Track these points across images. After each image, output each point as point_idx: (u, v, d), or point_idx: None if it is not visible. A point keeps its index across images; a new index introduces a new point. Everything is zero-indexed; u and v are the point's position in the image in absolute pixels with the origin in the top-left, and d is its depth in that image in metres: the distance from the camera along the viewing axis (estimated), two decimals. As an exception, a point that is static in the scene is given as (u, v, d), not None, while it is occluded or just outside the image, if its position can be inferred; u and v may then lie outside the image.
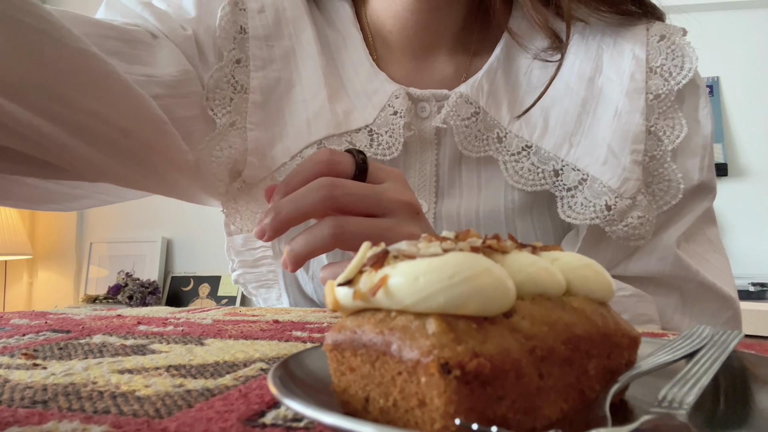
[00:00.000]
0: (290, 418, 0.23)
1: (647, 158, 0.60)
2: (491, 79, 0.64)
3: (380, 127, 0.62)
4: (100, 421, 0.23)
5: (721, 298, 0.61)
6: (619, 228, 0.57)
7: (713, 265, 0.62)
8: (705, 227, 0.64)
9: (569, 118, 0.61)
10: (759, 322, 1.85)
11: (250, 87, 0.63)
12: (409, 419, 0.21)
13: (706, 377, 0.24)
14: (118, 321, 0.50)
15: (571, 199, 0.59)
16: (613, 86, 0.61)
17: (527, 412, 0.21)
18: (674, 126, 0.60)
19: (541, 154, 0.60)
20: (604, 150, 0.58)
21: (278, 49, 0.65)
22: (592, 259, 0.27)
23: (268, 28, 0.65)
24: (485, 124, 0.62)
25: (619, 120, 0.59)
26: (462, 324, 0.20)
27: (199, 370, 0.31)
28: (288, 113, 0.63)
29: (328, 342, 0.23)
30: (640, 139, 0.59)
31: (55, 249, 3.23)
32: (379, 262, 0.22)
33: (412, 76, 0.67)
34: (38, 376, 0.30)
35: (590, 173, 0.58)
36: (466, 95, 0.62)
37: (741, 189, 2.54)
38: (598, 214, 0.57)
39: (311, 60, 0.64)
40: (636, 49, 0.62)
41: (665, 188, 0.60)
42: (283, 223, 0.44)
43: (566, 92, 0.62)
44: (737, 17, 2.60)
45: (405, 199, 0.47)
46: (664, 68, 0.61)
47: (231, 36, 0.63)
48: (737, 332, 0.30)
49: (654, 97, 0.60)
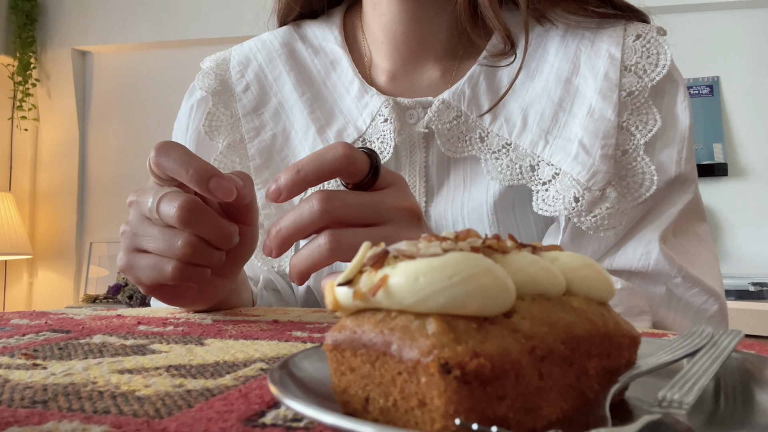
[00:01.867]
0: (290, 418, 0.23)
1: (619, 152, 0.62)
2: (473, 84, 0.67)
3: (372, 135, 0.67)
4: (100, 421, 0.23)
5: (707, 292, 0.62)
6: (588, 219, 0.60)
7: (700, 261, 0.64)
8: (694, 223, 0.66)
9: (546, 116, 0.64)
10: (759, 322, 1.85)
11: (249, 156, 0.70)
12: (409, 419, 0.21)
13: (706, 377, 0.24)
14: (118, 321, 0.50)
15: (545, 193, 0.62)
16: (588, 85, 0.64)
17: (527, 412, 0.21)
18: (647, 121, 0.63)
19: (519, 151, 0.63)
20: (576, 145, 0.62)
21: (267, 112, 0.73)
22: (591, 260, 0.27)
23: (255, 100, 0.73)
24: (467, 126, 0.66)
25: (591, 117, 0.62)
26: (462, 324, 0.20)
27: (199, 370, 0.31)
28: (292, 158, 0.70)
29: (328, 342, 0.23)
30: (611, 134, 0.62)
31: (55, 249, 3.23)
32: (379, 262, 0.22)
33: (401, 84, 0.72)
34: (38, 376, 0.30)
35: (562, 168, 0.61)
36: (448, 101, 0.66)
37: (741, 189, 2.54)
38: (567, 206, 0.60)
39: (296, 106, 0.72)
40: (612, 49, 0.65)
41: (639, 181, 0.62)
42: (285, 241, 0.46)
43: (544, 92, 0.65)
44: (737, 17, 2.60)
45: (405, 205, 0.48)
46: (638, 66, 0.65)
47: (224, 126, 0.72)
48: (737, 332, 0.30)
49: (627, 94, 0.64)
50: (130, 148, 3.17)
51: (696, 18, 2.60)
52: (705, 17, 2.61)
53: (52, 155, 3.28)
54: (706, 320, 0.63)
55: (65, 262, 3.21)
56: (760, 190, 2.52)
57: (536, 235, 0.65)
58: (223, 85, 0.75)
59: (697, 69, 2.59)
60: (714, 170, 2.53)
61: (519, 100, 0.65)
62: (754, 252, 2.48)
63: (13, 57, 3.21)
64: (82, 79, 3.31)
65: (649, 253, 0.61)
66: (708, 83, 2.62)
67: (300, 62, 0.75)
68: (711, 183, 2.52)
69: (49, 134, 3.29)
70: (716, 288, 0.63)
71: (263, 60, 0.76)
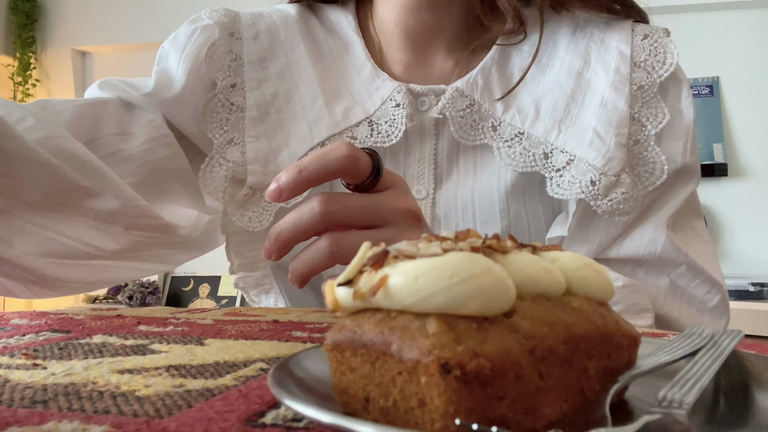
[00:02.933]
0: (290, 418, 0.23)
1: (631, 141, 0.64)
2: (486, 75, 0.68)
3: (380, 118, 0.66)
4: (100, 421, 0.23)
5: (709, 282, 0.64)
6: (604, 203, 0.61)
7: (700, 253, 0.66)
8: (692, 219, 0.68)
9: (558, 107, 0.65)
10: (759, 322, 1.85)
11: (247, 106, 0.68)
12: (409, 419, 0.21)
13: (706, 377, 0.24)
14: (118, 321, 0.50)
15: (559, 178, 0.63)
16: (599, 79, 0.66)
17: (527, 412, 0.21)
18: (657, 114, 0.65)
19: (532, 139, 0.64)
20: (590, 133, 0.63)
21: (273, 68, 0.71)
22: (591, 260, 0.27)
23: (263, 51, 0.71)
24: (480, 115, 0.66)
25: (604, 107, 0.64)
26: (462, 324, 0.20)
27: (199, 370, 0.31)
28: (290, 122, 0.68)
29: (328, 342, 0.23)
30: (624, 123, 0.63)
31: (55, 249, 3.22)
32: (379, 262, 0.22)
33: (413, 72, 0.72)
34: (38, 376, 0.30)
35: (577, 154, 0.62)
36: (461, 89, 0.67)
37: (741, 189, 2.54)
38: (584, 189, 0.61)
39: (306, 72, 0.70)
40: (621, 46, 0.67)
41: (650, 170, 0.63)
42: (285, 244, 0.45)
43: (555, 85, 0.67)
44: (737, 17, 2.60)
45: (405, 206, 0.47)
46: (647, 63, 0.66)
47: (225, 65, 0.69)
48: (737, 332, 0.30)
49: (638, 87, 0.65)
50: (130, 149, 3.17)
51: (696, 18, 2.60)
52: (705, 17, 2.61)
53: (52, 155, 3.28)
54: (709, 311, 0.64)
55: (65, 262, 3.20)
56: (760, 190, 2.52)
57: (544, 224, 0.66)
58: (233, 24, 0.71)
59: (697, 69, 2.59)
60: (714, 170, 2.53)
61: (531, 92, 0.67)
62: (753, 252, 2.48)
63: (13, 57, 3.21)
64: (82, 79, 3.31)
65: (657, 240, 0.63)
66: (708, 83, 2.62)
67: (314, 37, 0.74)
68: (711, 183, 2.52)
69: (49, 134, 3.28)
70: (718, 278, 0.64)
71: (278, 19, 0.74)
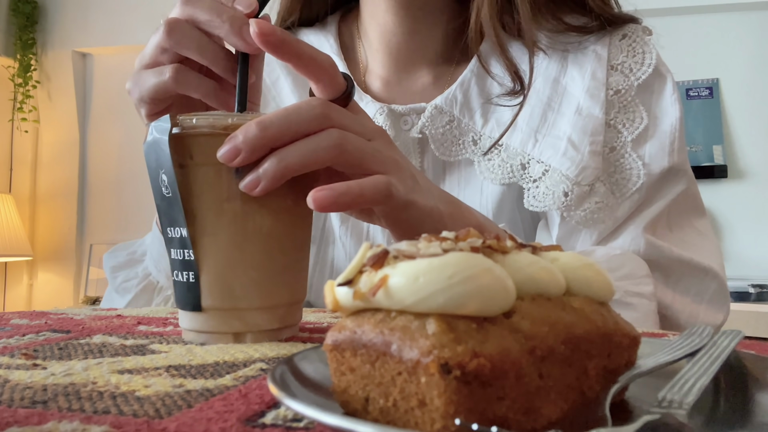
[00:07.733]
0: (290, 418, 0.23)
1: (607, 149, 0.64)
2: (465, 89, 0.68)
3: None
4: (100, 421, 0.23)
5: (701, 270, 0.63)
6: (578, 213, 0.61)
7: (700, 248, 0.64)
8: (692, 218, 0.66)
9: (535, 115, 0.65)
10: (759, 323, 1.85)
11: None
12: (409, 419, 0.21)
13: (706, 377, 0.24)
14: (118, 321, 0.50)
15: (535, 190, 0.63)
16: (575, 84, 0.66)
17: (527, 413, 0.21)
18: (634, 119, 0.65)
19: (510, 150, 0.65)
20: (565, 142, 0.63)
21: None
22: (591, 260, 0.27)
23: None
24: (460, 130, 0.67)
25: (579, 115, 0.64)
26: (462, 324, 0.20)
27: (198, 371, 0.31)
28: None
29: (328, 342, 0.23)
30: (598, 131, 0.63)
31: (55, 250, 3.22)
32: (379, 262, 0.22)
33: (395, 89, 0.72)
34: (38, 376, 0.30)
35: (552, 164, 0.62)
36: (440, 106, 0.67)
37: (740, 190, 2.54)
38: (556, 201, 0.61)
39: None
40: (598, 48, 0.66)
41: (627, 177, 0.63)
42: (288, 171, 0.38)
43: (533, 92, 0.66)
44: (737, 19, 2.60)
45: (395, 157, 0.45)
46: (624, 65, 0.66)
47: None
48: (737, 332, 0.31)
49: (614, 92, 0.65)
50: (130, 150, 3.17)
51: (696, 20, 2.60)
52: (704, 19, 2.61)
53: (53, 157, 3.29)
54: (707, 300, 0.63)
55: (65, 263, 3.21)
56: (760, 191, 2.52)
57: (524, 234, 0.67)
58: None
59: (696, 71, 2.59)
60: (713, 172, 2.53)
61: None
62: (753, 254, 2.48)
63: (13, 59, 3.21)
64: (82, 80, 3.31)
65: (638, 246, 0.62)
66: (707, 85, 2.62)
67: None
68: (711, 185, 2.52)
69: (50, 136, 3.29)
70: (713, 266, 0.63)
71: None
